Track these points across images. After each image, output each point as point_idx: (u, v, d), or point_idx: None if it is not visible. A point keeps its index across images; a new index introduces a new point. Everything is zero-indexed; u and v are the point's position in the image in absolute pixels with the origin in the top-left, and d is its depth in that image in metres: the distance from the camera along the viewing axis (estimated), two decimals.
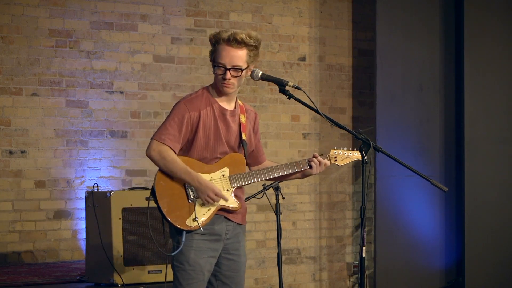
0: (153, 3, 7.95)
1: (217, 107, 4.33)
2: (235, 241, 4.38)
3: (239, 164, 4.36)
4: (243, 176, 4.34)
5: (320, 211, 8.87)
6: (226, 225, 4.33)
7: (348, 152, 4.61)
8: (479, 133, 8.25)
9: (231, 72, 4.27)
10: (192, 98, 4.34)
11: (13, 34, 7.35)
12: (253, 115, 4.50)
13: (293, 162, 4.46)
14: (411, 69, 8.40)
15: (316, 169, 4.50)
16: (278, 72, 8.51)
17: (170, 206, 4.23)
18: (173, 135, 4.22)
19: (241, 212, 4.41)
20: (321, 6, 8.89)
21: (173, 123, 4.24)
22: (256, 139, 4.51)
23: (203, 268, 4.25)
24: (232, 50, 4.26)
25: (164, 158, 4.22)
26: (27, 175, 7.38)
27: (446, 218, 8.44)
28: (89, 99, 7.64)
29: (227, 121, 4.34)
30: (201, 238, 4.25)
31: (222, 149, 4.31)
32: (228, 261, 4.36)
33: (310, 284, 8.80)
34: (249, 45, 4.27)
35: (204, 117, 4.28)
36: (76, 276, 6.32)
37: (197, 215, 4.24)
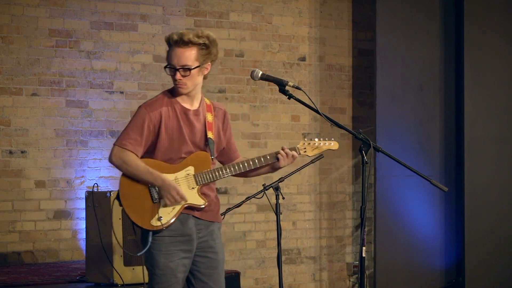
0: (153, 3, 7.95)
1: (179, 108, 4.37)
2: (209, 239, 4.41)
3: (204, 162, 4.38)
4: (208, 173, 4.37)
5: (320, 211, 8.87)
6: (196, 224, 4.37)
7: (320, 142, 4.59)
8: (479, 133, 8.25)
9: (180, 72, 4.31)
10: (152, 101, 4.39)
11: (13, 34, 7.35)
12: (221, 112, 4.54)
13: (260, 156, 4.48)
14: (411, 69, 8.40)
15: (283, 161, 4.51)
16: (278, 72, 8.50)
17: (135, 208, 4.30)
18: (134, 139, 4.29)
19: (213, 209, 4.45)
20: (321, 6, 8.89)
21: (134, 128, 4.30)
22: (227, 136, 4.56)
23: (174, 271, 4.29)
24: (180, 51, 4.30)
25: (125, 163, 4.29)
26: (27, 175, 7.38)
27: (446, 218, 8.44)
28: (89, 99, 7.64)
29: (190, 120, 4.37)
30: (171, 240, 4.31)
31: (187, 149, 4.36)
32: (205, 259, 4.39)
33: (310, 284, 8.80)
34: (197, 44, 4.31)
35: (165, 119, 4.32)
36: (76, 276, 6.32)
37: (161, 214, 4.29)
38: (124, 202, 4.33)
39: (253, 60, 8.47)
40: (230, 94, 8.33)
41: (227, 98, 8.32)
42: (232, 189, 8.30)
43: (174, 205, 4.31)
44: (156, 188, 4.30)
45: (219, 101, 8.25)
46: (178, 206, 4.32)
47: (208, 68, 4.39)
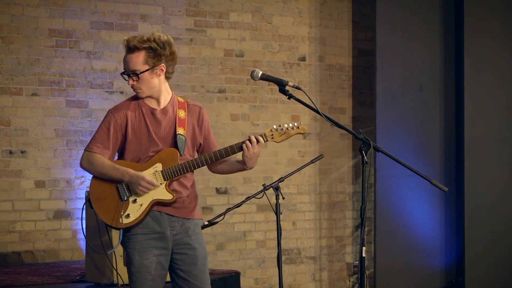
0: (153, 3, 7.95)
1: (146, 108, 4.46)
2: (184, 236, 4.46)
3: (172, 158, 4.43)
4: (175, 169, 4.41)
5: (320, 211, 8.87)
6: (169, 221, 4.43)
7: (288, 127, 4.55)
8: (479, 133, 8.25)
9: (132, 77, 4.42)
10: (118, 105, 4.54)
11: (13, 34, 7.35)
12: (196, 109, 4.57)
13: (227, 147, 4.47)
14: (411, 69, 8.40)
15: (248, 150, 4.46)
16: (278, 72, 8.50)
17: (104, 208, 4.41)
18: (101, 143, 4.43)
19: (187, 206, 4.49)
20: (321, 6, 8.89)
21: (100, 131, 4.46)
22: (204, 132, 4.58)
23: (149, 268, 4.37)
24: (128, 57, 4.42)
25: (92, 164, 4.43)
26: (27, 175, 7.38)
27: (446, 218, 8.44)
28: (89, 99, 7.64)
29: (158, 119, 4.45)
30: (145, 238, 4.39)
31: (155, 148, 4.44)
32: (182, 256, 4.45)
33: (310, 284, 8.80)
34: (143, 49, 4.39)
35: (132, 120, 4.43)
36: (76, 276, 6.32)
37: (129, 212, 4.38)
38: (94, 203, 4.44)
39: (253, 60, 8.47)
40: (230, 94, 8.33)
41: (227, 98, 8.32)
42: (232, 189, 8.30)
43: (142, 201, 4.38)
44: (124, 186, 4.39)
45: (219, 101, 8.26)
46: (145, 203, 4.39)
47: (163, 69, 4.45)
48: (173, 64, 4.49)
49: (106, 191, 4.41)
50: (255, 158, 4.52)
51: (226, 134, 8.24)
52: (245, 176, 8.31)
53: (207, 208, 8.12)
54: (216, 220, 5.72)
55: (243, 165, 4.54)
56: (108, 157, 4.43)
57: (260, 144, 4.49)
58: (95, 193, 4.44)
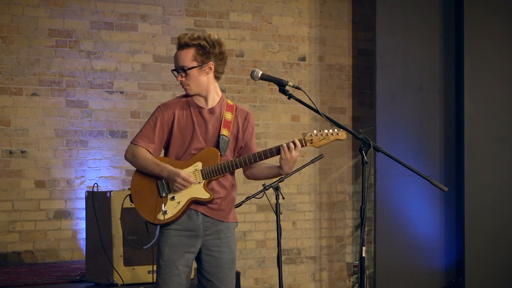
0: (153, 3, 7.95)
1: (194, 107, 4.55)
2: (215, 237, 4.52)
3: (213, 157, 4.50)
4: (214, 168, 4.47)
5: (320, 211, 8.87)
6: (203, 222, 4.49)
7: (327, 132, 4.57)
8: (479, 133, 8.25)
9: (181, 74, 4.51)
10: (167, 102, 4.61)
11: (13, 34, 7.35)
12: (244, 113, 4.66)
13: (266, 149, 4.52)
14: (411, 69, 8.40)
15: (285, 153, 4.49)
16: (278, 72, 8.51)
17: (143, 203, 4.49)
18: (147, 137, 4.51)
19: (223, 208, 4.54)
20: (321, 6, 8.89)
21: (147, 126, 4.53)
22: (247, 136, 4.64)
23: (177, 263, 4.44)
24: (178, 53, 4.53)
25: (135, 157, 4.50)
26: (27, 175, 7.38)
27: (446, 218, 8.44)
28: (89, 99, 7.64)
29: (204, 118, 4.54)
30: (177, 234, 4.46)
31: (198, 146, 4.51)
32: (209, 257, 4.51)
33: (310, 284, 8.81)
34: (193, 45, 4.49)
35: (179, 117, 4.51)
36: (76, 276, 6.32)
37: (167, 209, 4.45)
38: (134, 198, 4.52)
39: (253, 60, 8.47)
40: (230, 94, 8.33)
41: (227, 98, 8.31)
42: None
43: (179, 199, 4.44)
44: (164, 183, 4.46)
45: None
46: (183, 201, 4.45)
47: (211, 67, 4.52)
48: (222, 64, 4.58)
49: (146, 187, 4.49)
50: (292, 163, 4.52)
51: None
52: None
53: None
54: None
55: (280, 169, 4.56)
56: (153, 152, 4.50)
57: (298, 148, 4.51)
58: (135, 189, 4.52)
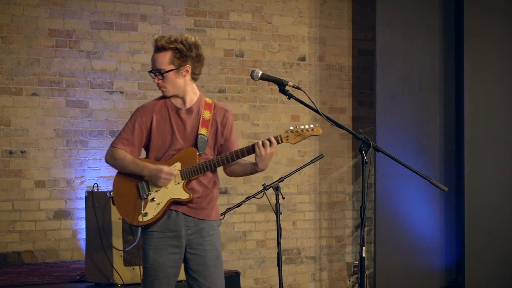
0: (153, 3, 7.95)
1: (172, 108, 4.57)
2: (198, 236, 4.54)
3: (191, 158, 4.52)
4: (193, 168, 4.49)
5: (320, 211, 8.86)
6: (185, 221, 4.52)
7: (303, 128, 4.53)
8: (479, 133, 8.25)
9: (158, 76, 4.53)
10: (145, 104, 4.64)
11: (13, 34, 7.35)
12: (222, 111, 4.67)
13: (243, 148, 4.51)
14: (411, 69, 8.40)
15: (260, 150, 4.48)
16: (278, 72, 8.51)
17: (124, 205, 4.54)
18: (126, 139, 4.56)
19: (204, 207, 4.56)
20: (321, 6, 8.89)
21: (126, 129, 4.59)
22: (226, 134, 4.64)
23: (163, 265, 4.48)
24: (155, 56, 4.55)
25: (115, 159, 4.59)
26: (27, 175, 7.38)
27: (446, 218, 8.44)
28: (89, 99, 7.64)
29: (182, 119, 4.55)
30: (160, 235, 4.50)
31: (177, 146, 4.53)
32: (193, 256, 4.54)
33: (310, 284, 8.80)
34: (170, 49, 4.51)
35: (157, 118, 4.54)
36: (76, 276, 6.32)
37: (147, 210, 4.48)
38: (116, 200, 4.57)
39: (253, 60, 8.47)
40: (230, 94, 8.33)
41: (227, 98, 8.32)
42: (232, 189, 8.30)
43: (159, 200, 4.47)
44: (144, 185, 4.50)
45: (219, 101, 8.25)
46: (163, 202, 4.48)
47: (188, 70, 4.55)
48: (199, 66, 4.61)
49: (127, 189, 4.54)
50: (267, 160, 4.51)
51: None
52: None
53: None
54: None
55: (256, 166, 4.55)
56: (132, 153, 4.55)
57: (273, 145, 4.51)
58: (117, 191, 4.57)
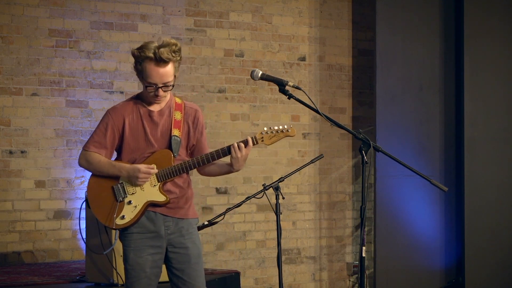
0: (153, 3, 7.95)
1: (144, 110, 4.53)
2: (178, 235, 4.54)
3: (166, 160, 4.51)
4: (168, 171, 4.48)
5: (320, 211, 8.87)
6: (164, 221, 4.52)
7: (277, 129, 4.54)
8: (479, 133, 8.25)
9: (163, 89, 4.45)
10: (116, 106, 4.61)
11: (13, 34, 7.35)
12: (192, 111, 4.62)
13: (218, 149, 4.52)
14: (411, 69, 8.40)
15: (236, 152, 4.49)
16: (278, 72, 8.50)
17: (100, 208, 4.51)
18: (98, 142, 4.52)
19: (181, 206, 4.57)
20: (321, 6, 8.89)
21: (98, 131, 4.54)
22: (197, 133, 4.63)
23: (143, 266, 4.48)
24: (160, 69, 4.42)
25: (89, 162, 4.53)
26: (27, 175, 7.38)
27: (446, 218, 8.44)
28: (89, 99, 7.64)
29: (154, 121, 4.52)
30: (140, 237, 4.50)
31: (151, 149, 4.51)
32: (175, 255, 4.54)
33: (310, 284, 8.80)
34: (174, 60, 4.45)
35: (129, 121, 4.50)
36: (76, 276, 6.32)
37: (124, 213, 4.47)
38: (91, 203, 4.54)
39: (253, 60, 8.47)
40: (230, 94, 8.33)
41: (227, 98, 8.32)
42: (232, 189, 8.30)
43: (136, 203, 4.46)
44: (119, 188, 4.48)
45: (219, 101, 8.26)
46: (140, 204, 4.48)
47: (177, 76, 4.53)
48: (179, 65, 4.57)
49: (102, 192, 4.51)
50: (243, 161, 4.53)
51: (226, 134, 8.24)
52: (245, 176, 8.31)
53: (207, 208, 8.12)
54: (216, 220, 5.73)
55: (231, 167, 4.57)
56: (105, 156, 4.52)
57: (249, 147, 4.51)
58: (92, 194, 4.53)
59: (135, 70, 4.52)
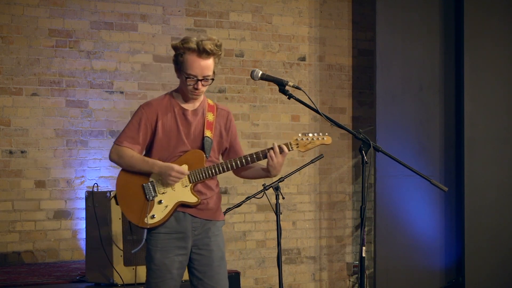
0: (153, 3, 7.95)
1: (178, 108, 4.49)
2: (204, 236, 4.51)
3: (198, 160, 4.48)
4: (201, 171, 4.45)
5: (320, 211, 8.87)
6: (192, 222, 4.48)
7: (313, 137, 4.59)
8: (479, 133, 8.25)
9: (202, 82, 4.41)
10: (151, 101, 4.54)
11: (13, 34, 7.35)
12: (225, 113, 4.61)
13: (253, 153, 4.50)
14: (411, 69, 8.40)
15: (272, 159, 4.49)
16: (278, 72, 8.51)
17: (129, 206, 4.45)
18: (131, 137, 4.45)
19: (210, 208, 4.54)
20: (321, 6, 8.89)
21: (131, 126, 4.47)
22: (231, 136, 4.63)
23: (169, 267, 4.43)
24: (202, 61, 4.39)
25: (121, 157, 4.45)
26: (27, 175, 7.38)
27: (446, 218, 8.44)
28: (89, 99, 7.64)
29: (188, 120, 4.48)
30: (167, 237, 4.44)
31: (183, 148, 4.47)
32: (199, 256, 4.50)
33: (310, 284, 8.80)
34: (216, 54, 4.42)
35: (163, 119, 4.45)
36: (76, 276, 6.32)
37: (154, 212, 4.42)
38: (120, 201, 4.48)
39: (253, 60, 8.47)
40: (230, 94, 8.33)
41: (227, 98, 8.32)
42: (232, 189, 8.30)
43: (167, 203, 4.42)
44: (150, 186, 4.43)
45: (219, 101, 8.25)
46: (171, 204, 4.44)
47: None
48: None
49: (132, 189, 4.45)
50: (280, 167, 4.53)
51: None
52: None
53: None
54: None
55: (267, 173, 4.57)
56: (138, 152, 4.46)
57: (284, 153, 4.51)
58: (121, 192, 4.47)
59: (174, 63, 4.47)
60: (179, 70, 4.46)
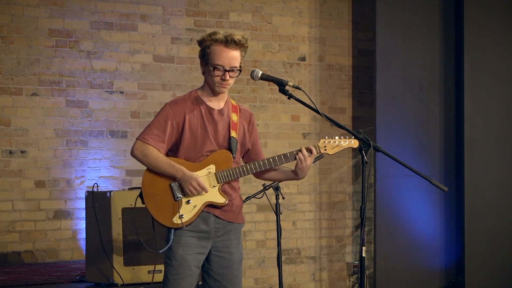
0: (153, 3, 7.95)
1: (204, 107, 4.43)
2: (225, 239, 4.47)
3: (226, 161, 4.44)
4: (229, 171, 4.42)
5: (320, 211, 8.87)
6: (215, 223, 4.43)
7: (340, 140, 4.59)
8: (479, 133, 8.25)
9: (229, 73, 4.37)
10: (177, 100, 4.46)
11: (13, 34, 7.35)
12: (248, 115, 4.62)
13: (281, 155, 4.49)
14: (411, 69, 8.40)
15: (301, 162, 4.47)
16: (278, 72, 8.51)
17: (157, 205, 4.37)
18: (157, 135, 4.36)
19: (234, 210, 4.50)
20: (321, 6, 8.89)
21: (157, 124, 4.37)
22: (253, 138, 4.61)
23: (190, 263, 4.36)
24: (230, 52, 4.36)
25: (146, 156, 4.36)
26: (27, 175, 7.38)
27: (446, 218, 8.44)
28: (89, 99, 7.64)
29: (215, 120, 4.44)
30: (190, 235, 4.37)
31: (210, 148, 4.41)
32: (218, 258, 4.46)
33: (310, 284, 8.80)
34: (243, 46, 4.39)
35: (190, 118, 4.38)
36: (76, 276, 6.32)
37: (182, 212, 4.36)
38: (146, 199, 4.40)
39: (253, 60, 8.47)
40: (230, 94, 8.27)
41: None
42: None
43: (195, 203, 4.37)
44: (178, 185, 4.36)
45: None
46: (199, 205, 4.39)
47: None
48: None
49: (159, 188, 4.37)
50: (307, 170, 4.52)
51: None
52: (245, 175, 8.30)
53: None
54: None
55: (295, 176, 4.55)
56: (163, 152, 4.38)
57: (313, 156, 4.50)
58: (148, 190, 4.39)
59: (201, 57, 4.43)
60: (205, 63, 4.41)
